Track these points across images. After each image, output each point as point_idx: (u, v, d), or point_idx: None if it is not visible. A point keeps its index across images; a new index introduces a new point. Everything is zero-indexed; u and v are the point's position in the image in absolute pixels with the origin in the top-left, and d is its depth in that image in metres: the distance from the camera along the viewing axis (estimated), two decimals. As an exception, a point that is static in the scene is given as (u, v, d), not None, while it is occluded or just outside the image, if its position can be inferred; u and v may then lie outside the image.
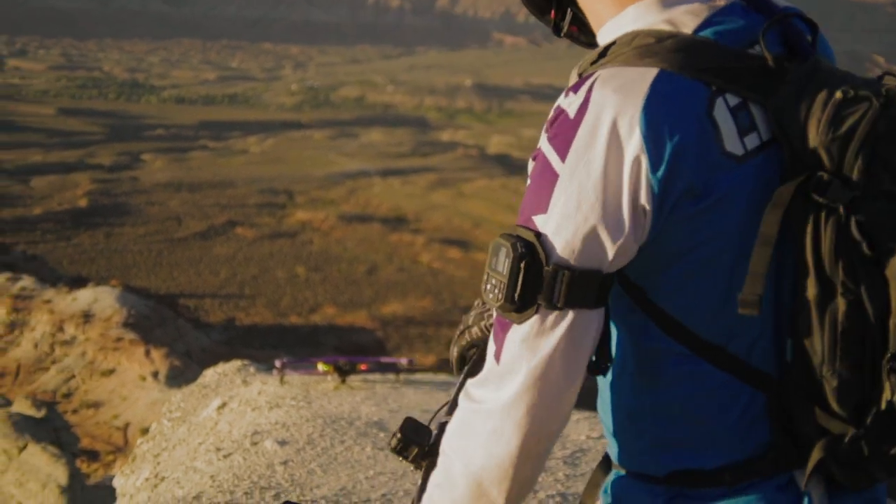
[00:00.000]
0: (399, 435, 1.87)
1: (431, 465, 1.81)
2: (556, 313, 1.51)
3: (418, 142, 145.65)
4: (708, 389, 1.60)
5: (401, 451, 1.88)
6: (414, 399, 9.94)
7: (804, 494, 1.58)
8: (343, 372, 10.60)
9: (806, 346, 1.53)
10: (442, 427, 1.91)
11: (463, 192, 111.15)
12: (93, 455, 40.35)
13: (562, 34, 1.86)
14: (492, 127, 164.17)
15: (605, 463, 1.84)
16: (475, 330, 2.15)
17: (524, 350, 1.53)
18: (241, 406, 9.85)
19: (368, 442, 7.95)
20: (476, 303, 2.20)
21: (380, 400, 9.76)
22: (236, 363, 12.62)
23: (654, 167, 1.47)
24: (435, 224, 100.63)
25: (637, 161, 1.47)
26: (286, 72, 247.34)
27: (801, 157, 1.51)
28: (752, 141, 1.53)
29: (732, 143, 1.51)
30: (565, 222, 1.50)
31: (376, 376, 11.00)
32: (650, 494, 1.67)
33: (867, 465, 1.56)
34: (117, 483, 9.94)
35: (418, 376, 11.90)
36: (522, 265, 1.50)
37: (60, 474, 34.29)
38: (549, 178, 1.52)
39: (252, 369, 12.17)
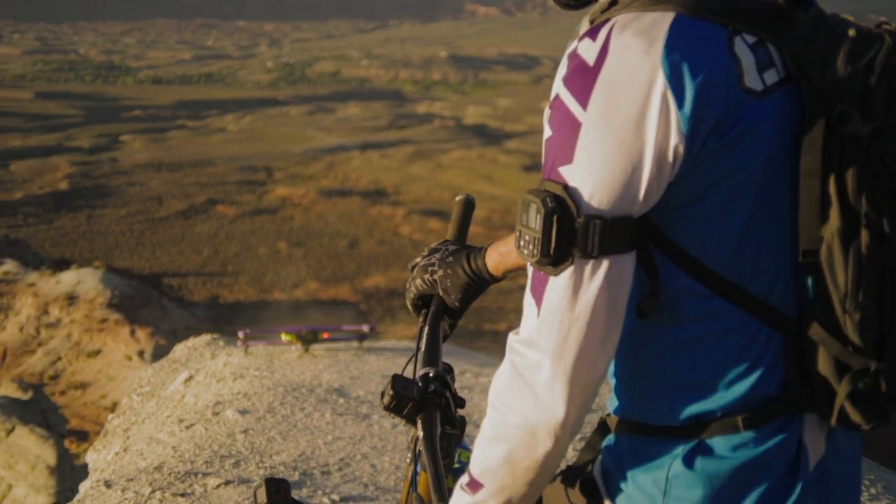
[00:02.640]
0: (391, 392, 1.90)
1: (426, 419, 1.90)
2: (592, 262, 1.51)
3: (395, 115, 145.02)
4: (727, 329, 1.61)
5: (395, 408, 1.91)
6: (376, 365, 10.13)
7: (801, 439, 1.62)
8: (306, 341, 10.84)
9: (828, 281, 1.54)
10: (426, 379, 1.99)
11: (441, 164, 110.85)
12: (82, 435, 40.36)
13: None
14: (467, 98, 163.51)
15: (603, 427, 1.85)
16: (419, 282, 2.32)
17: (565, 301, 1.53)
18: (207, 378, 10.02)
19: (328, 408, 8.15)
20: (419, 257, 2.36)
21: (342, 367, 9.95)
22: (206, 337, 12.78)
23: (680, 105, 1.47)
24: (414, 196, 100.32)
25: (663, 101, 1.47)
26: (261, 49, 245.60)
27: (820, 93, 1.53)
28: (770, 77, 1.55)
29: (752, 78, 1.53)
30: (593, 171, 1.49)
31: (340, 345, 11.22)
32: (663, 448, 1.68)
33: (882, 402, 1.58)
34: (90, 458, 10.15)
35: (381, 343, 12.13)
36: (554, 219, 1.50)
37: (49, 455, 34.49)
38: (571, 126, 1.51)
39: (221, 342, 12.35)
